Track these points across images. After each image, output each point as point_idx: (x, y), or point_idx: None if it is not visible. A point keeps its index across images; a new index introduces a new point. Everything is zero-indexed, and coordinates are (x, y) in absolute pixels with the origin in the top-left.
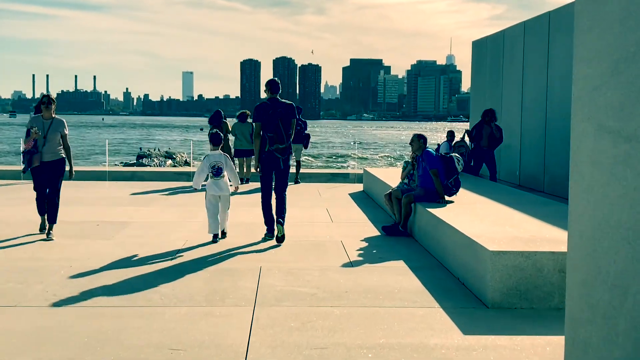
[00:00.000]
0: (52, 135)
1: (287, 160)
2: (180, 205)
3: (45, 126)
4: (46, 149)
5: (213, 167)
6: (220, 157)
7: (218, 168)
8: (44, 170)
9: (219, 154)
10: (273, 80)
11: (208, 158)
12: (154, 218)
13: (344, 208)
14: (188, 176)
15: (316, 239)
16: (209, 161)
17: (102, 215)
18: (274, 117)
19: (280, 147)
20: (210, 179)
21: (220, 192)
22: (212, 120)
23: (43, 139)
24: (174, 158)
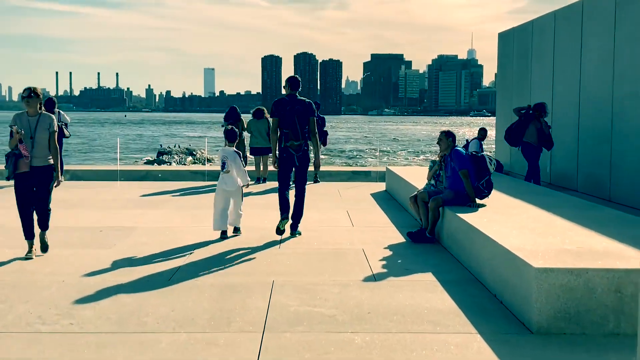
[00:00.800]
0: (40, 135)
1: (302, 157)
2: (190, 207)
3: (32, 125)
4: (35, 152)
5: (221, 161)
6: (228, 152)
7: (223, 163)
8: (32, 178)
9: (230, 150)
10: (293, 77)
11: (219, 151)
12: (161, 222)
13: (366, 210)
14: (203, 175)
15: (335, 247)
16: (220, 155)
17: (108, 219)
18: (291, 113)
19: (295, 144)
20: (221, 173)
21: (227, 187)
22: (228, 117)
23: (30, 140)
24: (194, 154)
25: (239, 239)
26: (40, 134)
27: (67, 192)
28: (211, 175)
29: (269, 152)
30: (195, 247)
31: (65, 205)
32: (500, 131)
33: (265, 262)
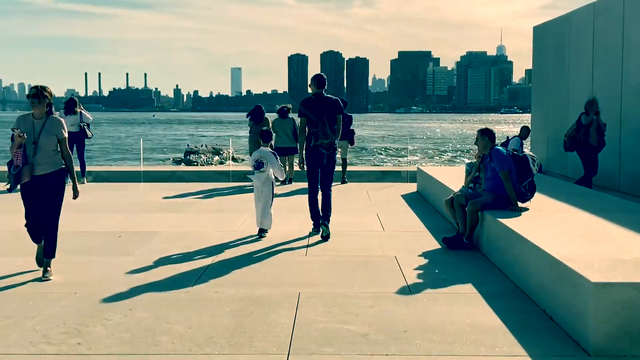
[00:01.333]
0: (45, 140)
1: (331, 155)
2: (214, 210)
3: (36, 128)
4: (39, 159)
5: (256, 161)
6: (264, 152)
7: (260, 162)
8: (35, 188)
9: (266, 150)
10: (319, 76)
11: (254, 153)
12: (183, 227)
13: (397, 213)
14: (228, 177)
15: (366, 254)
16: (254, 156)
17: (128, 223)
18: (319, 112)
19: (325, 142)
20: (255, 172)
21: (259, 186)
22: (253, 116)
23: (33, 145)
24: (221, 154)
25: (263, 244)
26: (45, 138)
27: (89, 195)
28: (236, 176)
29: (295, 152)
30: (217, 253)
31: (85, 208)
32: (536, 129)
33: (291, 271)
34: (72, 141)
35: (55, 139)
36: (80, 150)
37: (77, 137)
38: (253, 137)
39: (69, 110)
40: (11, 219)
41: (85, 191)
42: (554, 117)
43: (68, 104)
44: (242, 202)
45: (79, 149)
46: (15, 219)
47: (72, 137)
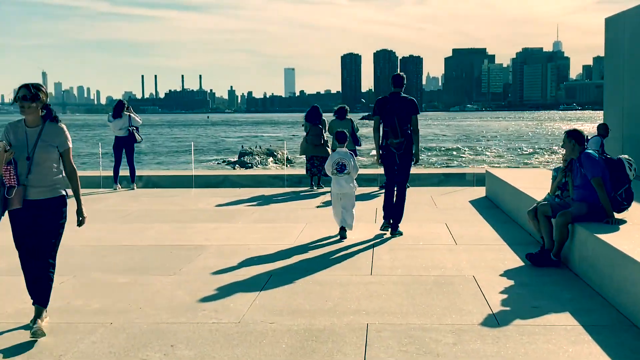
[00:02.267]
0: (42, 154)
1: (403, 155)
2: (269, 220)
3: (30, 139)
4: (33, 179)
5: (337, 163)
6: (345, 154)
7: (342, 165)
8: (28, 217)
9: (345, 151)
10: (396, 75)
11: (333, 155)
12: (236, 239)
13: (468, 222)
14: (283, 181)
15: (440, 273)
16: (334, 158)
17: (176, 235)
18: (390, 111)
19: (394, 142)
20: (333, 175)
21: (342, 190)
22: (310, 117)
23: (27, 162)
24: (275, 155)
25: (323, 261)
26: (43, 152)
27: (136, 202)
28: (291, 180)
29: (354, 155)
30: (272, 272)
31: (131, 217)
32: (610, 128)
33: (356, 294)
34: (121, 146)
35: (55, 152)
36: (130, 155)
37: (126, 141)
38: (310, 139)
39: (117, 113)
40: None
41: (134, 198)
42: (630, 115)
43: (116, 107)
44: (299, 210)
45: (128, 153)
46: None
47: (121, 142)
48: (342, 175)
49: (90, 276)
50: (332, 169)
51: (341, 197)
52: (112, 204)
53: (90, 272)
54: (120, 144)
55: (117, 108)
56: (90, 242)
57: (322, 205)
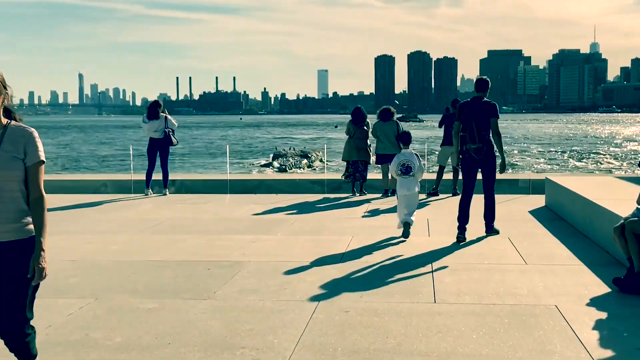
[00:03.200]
0: (2, 171)
1: (484, 161)
2: (312, 232)
3: None
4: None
5: (402, 165)
6: (410, 156)
7: (407, 167)
8: None
9: (410, 152)
10: (480, 79)
11: (398, 156)
12: (276, 254)
13: (533, 237)
14: (322, 186)
15: (515, 301)
16: (399, 159)
17: (211, 249)
18: (468, 115)
19: (472, 147)
20: (398, 177)
21: (407, 192)
22: (355, 119)
23: None
24: (309, 157)
25: (379, 284)
26: (3, 168)
27: (168, 210)
28: (329, 186)
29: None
30: (321, 298)
31: (163, 227)
32: None
33: (422, 329)
34: (156, 149)
35: (20, 168)
36: (164, 158)
37: (161, 144)
38: (355, 142)
39: (152, 114)
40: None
41: (166, 205)
42: None
43: (151, 108)
44: (343, 220)
45: (162, 157)
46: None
47: (156, 144)
48: (407, 177)
49: (114, 299)
50: (396, 170)
51: (408, 198)
52: (143, 211)
53: (114, 293)
54: (155, 146)
55: (152, 108)
56: (117, 256)
57: (367, 215)
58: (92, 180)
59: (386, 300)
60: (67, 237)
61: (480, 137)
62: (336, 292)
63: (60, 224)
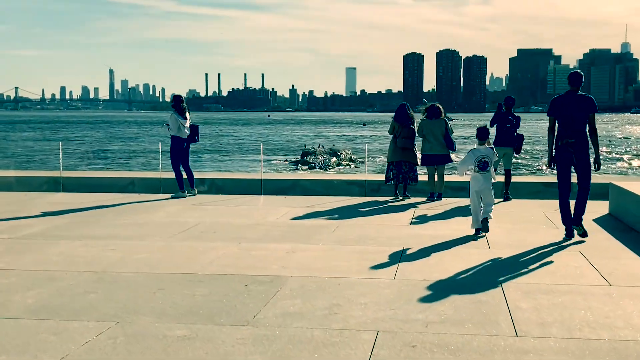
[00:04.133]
0: None
1: (579, 155)
2: (356, 241)
3: None
4: None
5: (479, 161)
6: (487, 151)
7: (484, 162)
8: None
9: (485, 148)
10: (573, 73)
11: (474, 152)
12: (319, 268)
13: (608, 251)
14: (360, 187)
15: (613, 336)
16: (475, 155)
17: (247, 260)
18: (565, 110)
19: (569, 142)
20: (473, 172)
21: (481, 187)
22: (400, 117)
23: None
24: (339, 155)
25: (445, 310)
26: None
27: (197, 212)
28: (369, 187)
29: (447, 161)
30: (380, 329)
31: (192, 233)
32: None
33: None
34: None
35: None
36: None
37: (188, 142)
38: (401, 142)
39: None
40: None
41: (195, 206)
42: None
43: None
44: (389, 228)
45: (188, 156)
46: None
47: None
48: (484, 173)
49: (138, 323)
50: (473, 166)
51: (481, 193)
52: (171, 213)
53: (139, 315)
54: (186, 144)
55: (183, 103)
56: (142, 268)
57: (415, 222)
58: (118, 177)
59: (458, 332)
60: (88, 243)
61: (577, 132)
62: (395, 319)
63: (81, 227)
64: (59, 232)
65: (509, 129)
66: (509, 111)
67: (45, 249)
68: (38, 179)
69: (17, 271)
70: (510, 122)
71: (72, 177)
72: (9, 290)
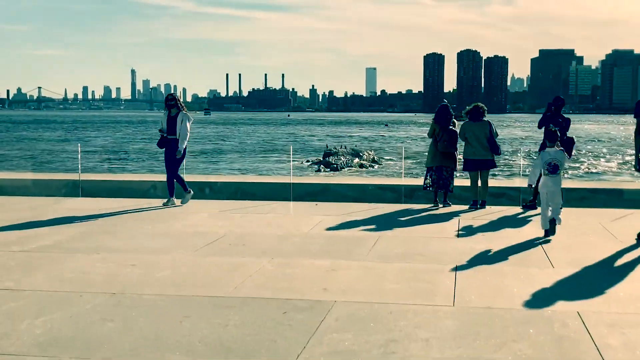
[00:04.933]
0: None
1: None
2: (402, 257)
3: None
4: None
5: (549, 164)
6: (557, 154)
7: (554, 165)
8: None
9: (555, 150)
10: None
11: (543, 155)
12: (367, 292)
13: None
14: (393, 192)
15: None
16: (544, 158)
17: (283, 279)
18: None
19: None
20: (543, 175)
21: (551, 189)
22: (441, 119)
23: None
24: (361, 156)
25: (523, 346)
26: None
27: (225, 220)
28: (404, 192)
29: (491, 166)
30: None
31: (220, 246)
32: None
33: None
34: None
35: None
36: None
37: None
38: (442, 145)
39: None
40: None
41: (222, 214)
42: None
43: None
44: (435, 241)
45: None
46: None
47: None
48: (554, 176)
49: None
50: (543, 169)
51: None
52: (196, 222)
53: (162, 352)
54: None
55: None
56: (166, 288)
57: (463, 234)
58: (139, 181)
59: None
60: (106, 257)
61: None
62: (461, 354)
63: (99, 238)
64: (75, 244)
65: (560, 132)
66: (559, 112)
67: (59, 263)
68: (56, 182)
69: (27, 292)
70: (560, 125)
71: (91, 180)
72: (16, 316)
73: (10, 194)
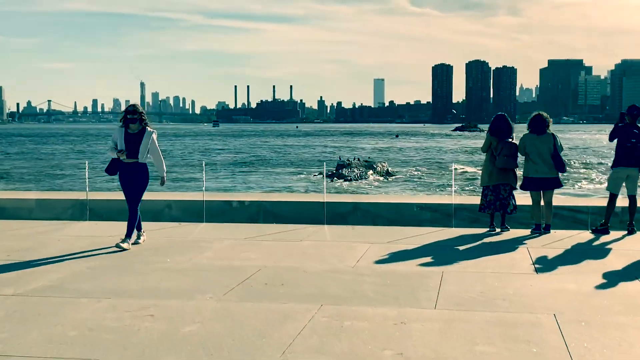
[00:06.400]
0: None
1: None
2: (484, 305)
3: None
4: None
5: None
6: None
7: None
8: None
9: None
10: None
11: None
12: (455, 358)
13: None
14: (433, 212)
15: None
16: None
17: (341, 336)
18: None
19: None
20: None
21: None
22: (498, 131)
23: None
24: (375, 168)
25: None
26: None
27: (254, 250)
28: (444, 212)
29: (556, 185)
30: None
31: (255, 286)
32: None
33: None
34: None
35: None
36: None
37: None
38: (501, 161)
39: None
40: None
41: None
42: None
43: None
44: (515, 279)
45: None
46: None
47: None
48: None
49: None
50: None
51: None
52: (221, 252)
53: None
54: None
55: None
56: (195, 352)
57: (540, 268)
58: (152, 200)
59: None
60: (117, 305)
61: None
62: None
63: (109, 275)
64: (80, 284)
65: (635, 145)
66: (634, 123)
67: (59, 314)
68: (61, 202)
69: (14, 359)
70: (636, 137)
71: (99, 199)
72: None
73: (12, 216)
